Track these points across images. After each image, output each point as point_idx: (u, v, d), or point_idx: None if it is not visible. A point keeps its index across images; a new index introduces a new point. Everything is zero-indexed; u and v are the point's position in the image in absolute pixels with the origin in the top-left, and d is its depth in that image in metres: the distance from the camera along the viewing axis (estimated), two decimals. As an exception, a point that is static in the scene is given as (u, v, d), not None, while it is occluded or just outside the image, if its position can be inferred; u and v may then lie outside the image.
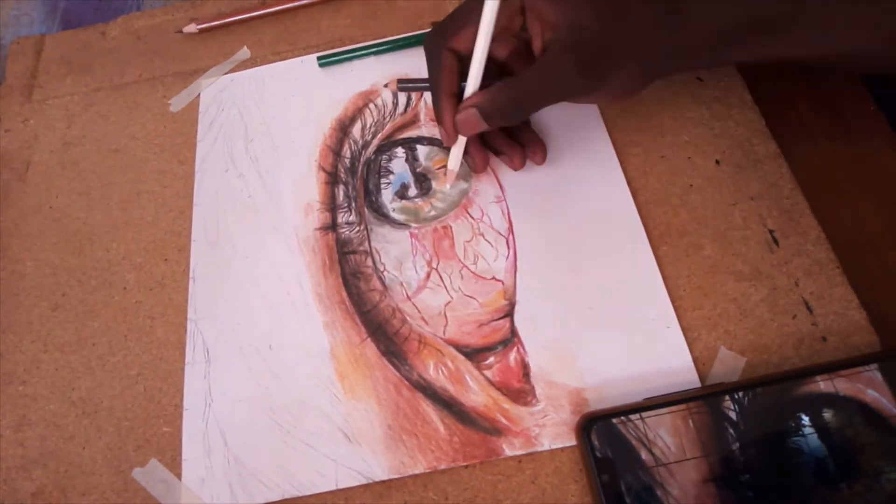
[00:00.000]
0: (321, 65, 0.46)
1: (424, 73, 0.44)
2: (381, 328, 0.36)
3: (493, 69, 0.36)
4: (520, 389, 0.34)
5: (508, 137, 0.39)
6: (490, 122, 0.34)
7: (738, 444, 0.30)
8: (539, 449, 0.32)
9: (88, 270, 0.41)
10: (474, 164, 0.39)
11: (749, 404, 0.31)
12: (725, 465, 0.30)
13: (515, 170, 0.39)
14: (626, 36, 0.32)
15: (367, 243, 0.39)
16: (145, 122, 0.47)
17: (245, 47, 0.49)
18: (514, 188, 0.39)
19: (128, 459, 0.35)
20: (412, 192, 0.40)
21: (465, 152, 0.38)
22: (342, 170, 0.42)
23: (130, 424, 0.36)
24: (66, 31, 0.53)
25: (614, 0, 0.32)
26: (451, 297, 0.37)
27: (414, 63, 0.45)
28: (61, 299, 0.40)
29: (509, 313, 0.36)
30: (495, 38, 0.33)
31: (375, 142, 0.42)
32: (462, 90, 0.35)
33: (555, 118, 0.41)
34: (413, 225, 0.39)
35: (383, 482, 0.33)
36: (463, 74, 0.35)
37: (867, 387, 0.30)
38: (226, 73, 0.47)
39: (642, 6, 0.32)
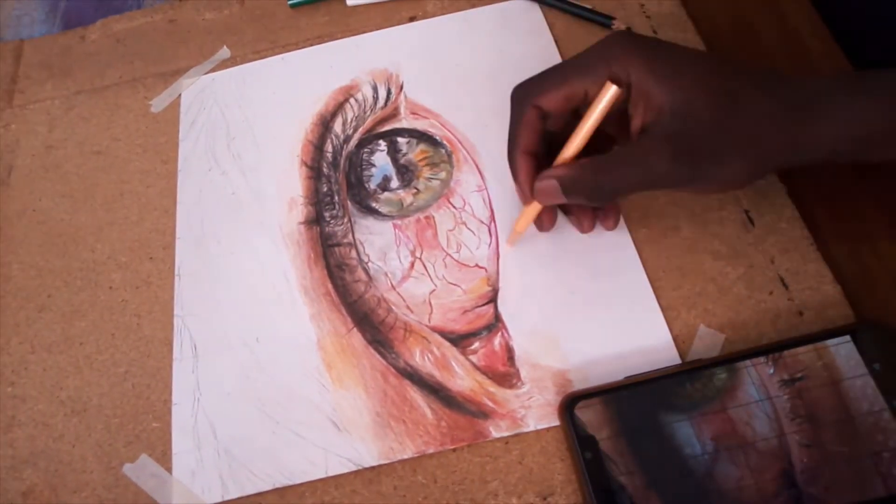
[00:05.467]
0: (291, 5, 0.49)
1: (404, 70, 0.45)
2: (366, 318, 0.37)
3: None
4: (505, 373, 0.34)
5: None
6: (569, 197, 0.32)
7: (718, 418, 0.31)
8: (525, 430, 0.33)
9: (74, 271, 0.41)
10: (541, 225, 0.36)
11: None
12: (706, 438, 0.30)
13: (582, 233, 0.36)
14: (737, 128, 0.29)
15: (351, 235, 0.39)
16: (127, 123, 0.47)
17: (225, 47, 0.49)
18: (496, 177, 0.40)
19: (118, 456, 0.35)
20: (394, 184, 0.41)
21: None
22: (325, 164, 0.42)
23: (120, 421, 0.36)
24: (45, 35, 0.53)
25: (728, 88, 0.29)
26: (436, 286, 0.37)
27: (394, 58, 0.45)
28: (47, 300, 0.40)
29: (493, 299, 0.36)
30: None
31: (357, 136, 0.43)
32: (540, 148, 0.33)
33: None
34: (396, 216, 0.40)
35: (373, 468, 0.33)
36: (545, 134, 0.33)
37: (841, 356, 0.31)
38: (206, 73, 0.48)
39: (759, 97, 0.29)
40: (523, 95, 0.33)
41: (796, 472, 0.29)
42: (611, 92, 0.30)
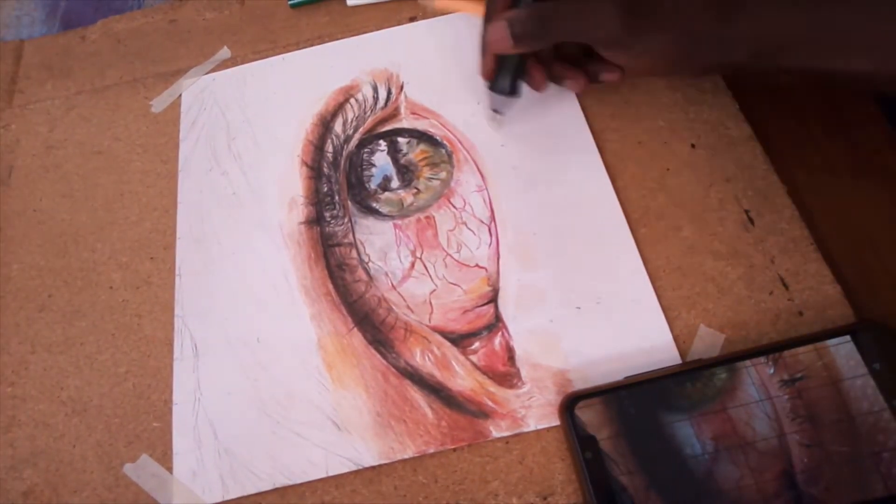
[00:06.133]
0: (292, 6, 0.49)
1: (404, 70, 0.45)
2: (367, 318, 0.37)
3: None
4: (505, 373, 0.34)
5: (566, 63, 0.38)
6: (516, 39, 0.34)
7: (718, 417, 0.31)
8: (525, 430, 0.33)
9: (74, 271, 0.41)
10: (532, 82, 0.38)
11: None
12: (707, 438, 0.30)
13: (577, 92, 0.40)
14: (669, 4, 0.32)
15: (351, 235, 0.39)
16: (127, 123, 0.47)
17: (225, 47, 0.49)
18: (495, 177, 0.40)
19: (118, 456, 0.35)
20: (395, 184, 0.41)
21: (522, 74, 0.37)
22: (325, 164, 0.42)
23: (120, 421, 0.36)
24: (45, 36, 0.53)
25: None
26: (436, 286, 0.37)
27: (394, 58, 0.45)
28: (48, 300, 0.40)
29: (493, 299, 0.36)
30: None
31: (357, 136, 0.43)
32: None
33: (535, 108, 0.42)
34: (397, 216, 0.40)
35: (373, 468, 0.33)
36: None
37: (841, 356, 0.31)
38: (207, 73, 0.48)
39: None
40: None
41: (796, 473, 0.29)
42: None
